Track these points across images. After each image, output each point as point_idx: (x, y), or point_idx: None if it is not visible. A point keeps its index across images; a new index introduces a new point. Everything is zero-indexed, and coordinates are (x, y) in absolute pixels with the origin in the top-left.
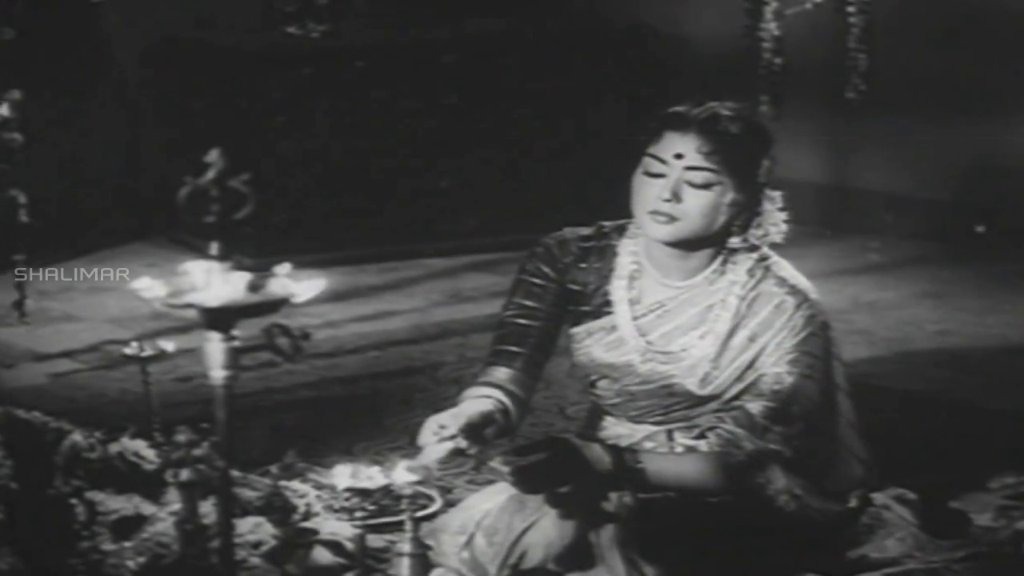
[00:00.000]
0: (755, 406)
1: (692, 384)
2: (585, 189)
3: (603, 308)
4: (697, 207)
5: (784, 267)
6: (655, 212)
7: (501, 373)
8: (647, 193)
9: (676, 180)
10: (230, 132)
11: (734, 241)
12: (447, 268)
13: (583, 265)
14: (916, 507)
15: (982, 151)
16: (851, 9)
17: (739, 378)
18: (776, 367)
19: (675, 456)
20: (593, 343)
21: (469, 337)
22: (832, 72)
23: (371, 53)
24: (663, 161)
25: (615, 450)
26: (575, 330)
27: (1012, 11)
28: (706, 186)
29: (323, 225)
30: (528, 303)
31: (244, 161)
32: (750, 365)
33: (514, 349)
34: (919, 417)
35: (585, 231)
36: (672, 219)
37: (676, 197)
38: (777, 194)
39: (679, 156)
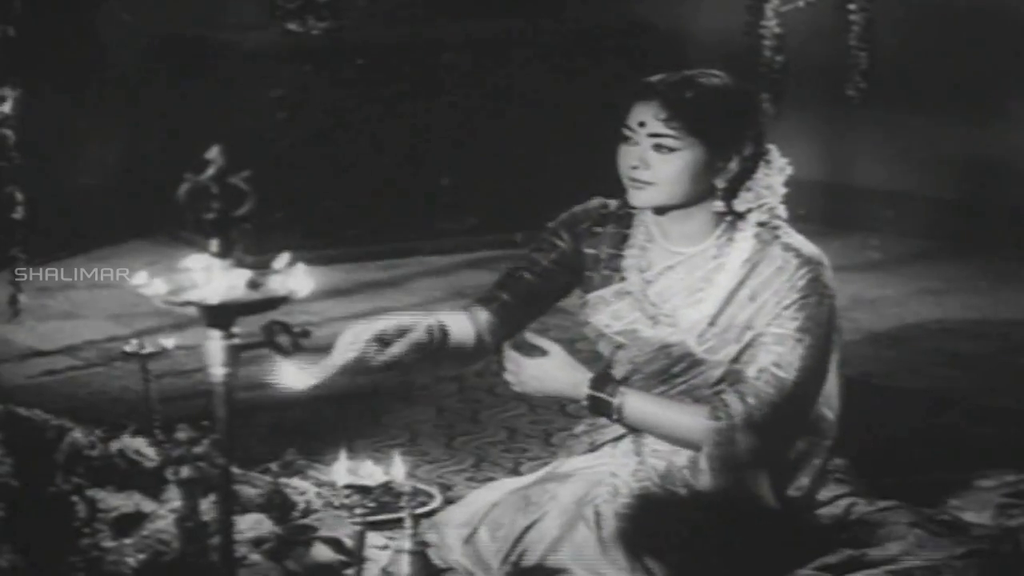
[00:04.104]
0: (749, 388)
1: (691, 342)
2: (586, 186)
3: (617, 274)
4: (665, 172)
5: (793, 236)
6: (630, 179)
7: (476, 311)
8: (623, 162)
9: (644, 148)
10: (230, 129)
11: (718, 206)
12: (447, 265)
13: (598, 230)
14: (916, 505)
15: (982, 149)
16: (852, 7)
17: (737, 338)
18: (775, 327)
19: (660, 399)
20: (605, 309)
21: None
22: (833, 70)
23: (372, 50)
24: (631, 130)
25: (598, 382)
26: (590, 296)
27: (1012, 11)
28: (670, 151)
29: (323, 222)
30: (534, 256)
31: (244, 158)
32: (748, 325)
33: (498, 293)
34: (919, 415)
35: (612, 201)
36: (646, 185)
37: (644, 164)
38: (782, 162)
39: (642, 124)
